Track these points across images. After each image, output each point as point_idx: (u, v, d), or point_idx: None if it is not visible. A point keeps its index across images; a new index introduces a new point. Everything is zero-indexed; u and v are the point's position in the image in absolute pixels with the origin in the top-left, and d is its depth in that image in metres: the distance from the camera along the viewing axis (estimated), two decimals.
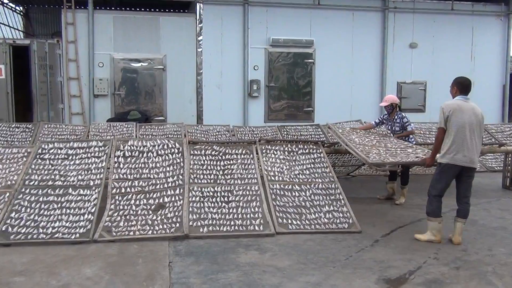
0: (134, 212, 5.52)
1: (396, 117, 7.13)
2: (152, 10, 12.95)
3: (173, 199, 5.75)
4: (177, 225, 5.31)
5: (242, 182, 6.14)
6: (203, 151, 6.59)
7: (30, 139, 8.23)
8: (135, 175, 6.08)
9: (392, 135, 7.13)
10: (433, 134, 9.31)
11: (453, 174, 5.09)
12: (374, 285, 4.06)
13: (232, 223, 5.43)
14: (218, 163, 6.43)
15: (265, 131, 9.23)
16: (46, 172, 5.99)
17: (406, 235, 5.42)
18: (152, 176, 6.09)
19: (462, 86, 5.14)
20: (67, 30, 10.20)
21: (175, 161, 6.34)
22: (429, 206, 5.21)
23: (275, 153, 6.72)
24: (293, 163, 6.58)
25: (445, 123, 5.05)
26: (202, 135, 8.79)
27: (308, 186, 6.17)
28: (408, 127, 7.04)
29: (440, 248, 5.01)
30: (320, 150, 6.86)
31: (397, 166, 6.42)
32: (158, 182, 6.01)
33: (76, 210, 5.44)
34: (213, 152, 6.59)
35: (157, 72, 10.59)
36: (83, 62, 10.27)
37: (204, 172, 6.25)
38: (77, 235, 5.06)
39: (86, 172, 6.04)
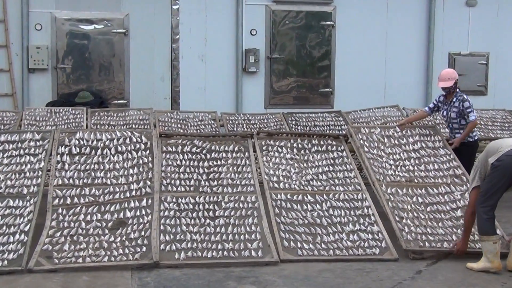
0: (84, 231, 5.52)
1: (454, 99, 7.13)
2: None
3: (138, 213, 5.75)
4: (144, 249, 5.31)
5: (234, 190, 6.15)
6: (180, 148, 6.59)
7: None
8: (85, 180, 6.08)
9: (450, 125, 7.18)
10: (497, 125, 9.31)
11: None
12: None
13: (219, 246, 5.44)
14: (201, 164, 6.44)
15: (266, 121, 9.24)
16: None
17: (459, 265, 5.43)
18: (109, 182, 6.10)
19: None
20: None
21: (141, 161, 6.34)
22: (477, 222, 5.24)
23: (280, 150, 6.73)
24: (305, 164, 6.59)
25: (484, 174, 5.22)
26: (179, 126, 8.79)
27: (325, 196, 6.18)
28: (471, 115, 6.98)
29: (506, 282, 5.03)
30: (342, 147, 6.87)
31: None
32: (117, 189, 6.01)
33: (4, 228, 5.43)
34: (193, 149, 6.59)
35: (116, 38, 10.57)
36: (14, 23, 10.23)
37: (182, 176, 6.26)
38: (5, 262, 5.05)
39: (17, 175, 6.03)
